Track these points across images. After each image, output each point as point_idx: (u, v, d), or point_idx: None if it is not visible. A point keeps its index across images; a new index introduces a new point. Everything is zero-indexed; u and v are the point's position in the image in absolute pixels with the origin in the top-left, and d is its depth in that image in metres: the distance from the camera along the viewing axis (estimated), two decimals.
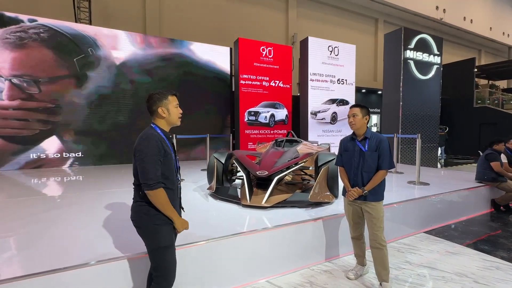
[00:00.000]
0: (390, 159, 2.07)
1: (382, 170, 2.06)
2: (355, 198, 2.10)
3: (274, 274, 2.34)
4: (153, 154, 1.39)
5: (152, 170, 1.38)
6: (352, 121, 2.13)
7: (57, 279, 1.64)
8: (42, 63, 6.07)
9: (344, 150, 2.25)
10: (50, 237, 2.21)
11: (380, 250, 2.07)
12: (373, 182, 2.06)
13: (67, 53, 6.30)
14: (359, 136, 2.16)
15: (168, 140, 1.53)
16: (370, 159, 2.07)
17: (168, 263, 1.47)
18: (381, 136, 2.12)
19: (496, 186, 4.19)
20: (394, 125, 7.41)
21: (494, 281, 2.28)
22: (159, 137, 1.46)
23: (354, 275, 2.29)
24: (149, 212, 1.43)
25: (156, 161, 1.40)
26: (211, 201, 3.35)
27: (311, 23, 13.88)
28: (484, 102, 13.04)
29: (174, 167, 1.53)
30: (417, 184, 4.30)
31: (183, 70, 7.68)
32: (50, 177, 5.15)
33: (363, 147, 2.12)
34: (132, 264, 1.82)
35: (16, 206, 3.16)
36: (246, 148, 7.50)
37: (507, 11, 22.69)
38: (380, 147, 2.06)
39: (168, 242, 1.46)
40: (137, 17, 9.99)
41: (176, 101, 1.58)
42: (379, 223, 2.08)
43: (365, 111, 2.14)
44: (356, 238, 2.29)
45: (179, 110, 1.59)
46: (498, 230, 3.48)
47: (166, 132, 1.56)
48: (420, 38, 7.64)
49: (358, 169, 2.12)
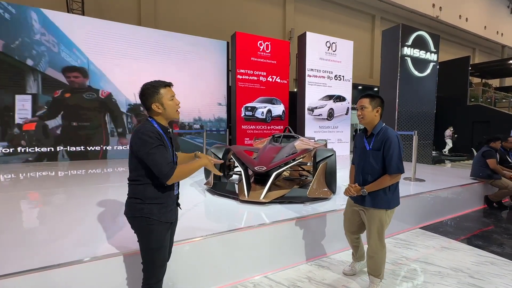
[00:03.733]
0: (398, 162, 1.75)
1: (388, 175, 1.78)
2: (352, 196, 1.93)
3: (272, 270, 2.33)
4: (157, 144, 1.35)
5: (162, 160, 1.34)
6: (360, 114, 1.84)
7: (50, 276, 1.59)
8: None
9: (355, 146, 2.01)
10: (43, 233, 2.16)
11: (372, 258, 1.93)
12: (375, 185, 1.81)
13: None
14: (369, 131, 1.90)
15: (166, 135, 1.47)
16: (373, 159, 1.82)
17: (158, 261, 1.45)
18: (390, 133, 1.80)
19: (490, 183, 4.25)
20: (390, 122, 7.45)
21: (489, 276, 2.31)
22: (156, 130, 1.42)
23: (350, 271, 2.28)
24: (142, 210, 1.39)
25: (162, 150, 1.36)
26: (209, 197, 3.33)
27: (308, 18, 13.79)
28: (477, 101, 13.22)
29: (172, 162, 1.48)
30: (413, 180, 4.33)
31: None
32: (42, 171, 5.04)
33: (368, 145, 1.87)
34: (128, 260, 1.79)
35: (9, 200, 3.08)
36: (242, 144, 7.46)
37: (501, 11, 22.93)
38: (385, 146, 1.77)
39: (160, 243, 1.43)
40: (132, 9, 9.76)
41: (171, 92, 1.45)
42: (375, 231, 1.86)
43: (376, 102, 1.83)
44: (350, 234, 2.16)
45: (176, 101, 1.47)
46: (491, 226, 3.54)
47: (164, 126, 1.48)
48: (418, 35, 7.65)
49: (360, 169, 1.91)
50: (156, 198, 1.42)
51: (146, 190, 1.40)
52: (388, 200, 1.86)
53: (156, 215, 1.40)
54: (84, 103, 6.52)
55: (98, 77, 6.62)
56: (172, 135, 1.56)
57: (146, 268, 1.46)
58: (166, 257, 1.50)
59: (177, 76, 7.34)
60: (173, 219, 1.52)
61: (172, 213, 1.51)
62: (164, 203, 1.45)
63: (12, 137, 5.90)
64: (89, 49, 6.49)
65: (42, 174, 4.81)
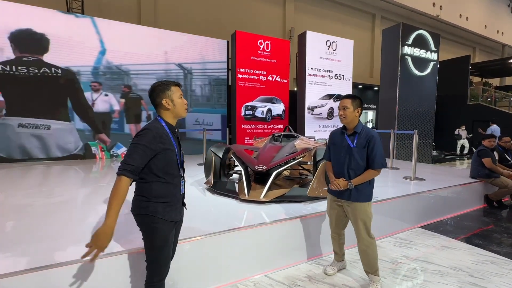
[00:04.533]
0: (382, 158, 1.90)
1: (373, 170, 1.91)
2: (339, 190, 1.96)
3: (272, 269, 2.34)
4: (145, 144, 1.34)
5: (129, 156, 1.32)
6: (342, 114, 1.96)
7: (52, 275, 1.60)
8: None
9: (332, 144, 2.12)
10: (45, 232, 2.16)
11: (364, 251, 2.00)
12: (361, 178, 1.92)
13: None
14: (349, 130, 2.01)
15: (173, 134, 1.49)
16: (358, 156, 1.93)
17: (162, 260, 1.46)
18: (372, 132, 1.96)
19: (489, 182, 4.25)
20: (390, 121, 7.45)
21: (488, 275, 2.32)
22: (162, 130, 1.42)
23: (332, 271, 2.28)
24: (147, 208, 1.40)
25: (143, 152, 1.33)
26: (209, 196, 3.33)
27: (308, 17, 13.76)
28: (477, 100, 13.20)
29: (177, 162, 1.48)
30: (413, 179, 4.33)
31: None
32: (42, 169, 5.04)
33: (351, 142, 1.96)
34: (131, 259, 1.79)
35: (10, 199, 3.08)
36: (242, 143, 7.46)
37: (502, 10, 22.88)
38: (370, 144, 1.90)
39: (163, 242, 1.44)
40: (131, 8, 9.74)
41: (180, 91, 1.51)
42: (361, 224, 1.96)
43: (357, 103, 1.96)
44: (335, 235, 2.23)
45: (184, 101, 1.53)
46: (491, 225, 3.54)
47: (172, 125, 1.50)
48: (418, 34, 7.64)
49: (345, 165, 1.98)
50: (161, 196, 1.43)
51: (152, 188, 1.41)
52: (369, 192, 2.00)
53: (161, 214, 1.41)
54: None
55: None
56: (178, 135, 1.56)
57: (149, 266, 1.47)
58: (169, 256, 1.51)
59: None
60: (178, 218, 1.52)
61: (177, 212, 1.51)
62: (169, 202, 1.45)
63: None
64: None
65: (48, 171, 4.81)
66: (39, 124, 6.04)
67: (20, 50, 5.83)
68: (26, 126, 5.92)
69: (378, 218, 3.06)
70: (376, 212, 3.02)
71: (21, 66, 5.84)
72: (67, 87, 6.28)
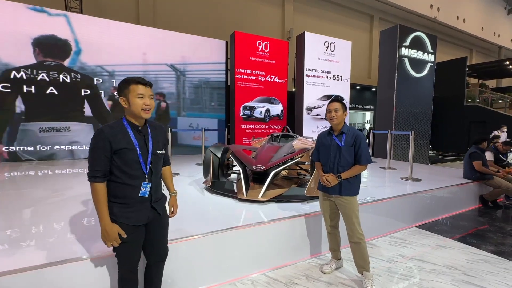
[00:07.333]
0: (368, 155, 2.09)
1: (360, 165, 2.07)
2: (330, 186, 2.09)
3: (270, 267, 2.36)
4: (96, 147, 1.35)
5: (92, 163, 1.36)
6: (334, 115, 2.11)
7: (47, 274, 1.61)
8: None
9: (321, 145, 2.25)
10: (38, 232, 2.17)
11: (358, 244, 2.09)
12: (350, 172, 2.07)
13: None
14: (336, 131, 2.17)
15: (135, 133, 1.44)
16: (347, 154, 2.09)
17: (122, 256, 1.47)
18: (357, 131, 2.15)
19: (484, 182, 4.31)
20: (388, 121, 7.51)
21: (482, 274, 2.36)
22: (119, 129, 1.41)
23: (329, 269, 2.32)
24: (109, 208, 1.41)
25: (98, 155, 1.35)
26: (207, 195, 3.35)
27: (307, 18, 13.82)
28: (474, 101, 13.33)
29: (138, 162, 1.42)
30: (409, 180, 4.38)
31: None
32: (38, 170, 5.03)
33: (339, 142, 2.12)
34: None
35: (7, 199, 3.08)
36: (241, 143, 7.48)
37: (498, 12, 23.08)
38: (356, 142, 2.08)
39: (120, 238, 1.41)
40: (130, 7, 9.74)
41: (140, 90, 1.40)
42: (354, 217, 2.09)
43: (344, 106, 2.16)
44: (332, 233, 2.31)
45: (144, 101, 1.41)
46: (485, 225, 3.59)
47: (135, 124, 1.45)
48: (415, 36, 7.71)
49: (335, 163, 2.13)
50: (117, 197, 1.41)
51: (109, 187, 1.41)
52: (356, 186, 2.15)
53: (115, 215, 1.40)
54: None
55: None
56: (147, 132, 1.48)
57: (116, 256, 1.49)
58: (132, 255, 1.48)
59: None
60: (140, 222, 1.45)
61: (140, 214, 1.45)
62: (125, 204, 1.42)
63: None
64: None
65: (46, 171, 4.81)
66: (59, 126, 6.26)
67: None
68: (47, 130, 6.16)
69: (375, 217, 3.10)
70: (372, 212, 3.07)
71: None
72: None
